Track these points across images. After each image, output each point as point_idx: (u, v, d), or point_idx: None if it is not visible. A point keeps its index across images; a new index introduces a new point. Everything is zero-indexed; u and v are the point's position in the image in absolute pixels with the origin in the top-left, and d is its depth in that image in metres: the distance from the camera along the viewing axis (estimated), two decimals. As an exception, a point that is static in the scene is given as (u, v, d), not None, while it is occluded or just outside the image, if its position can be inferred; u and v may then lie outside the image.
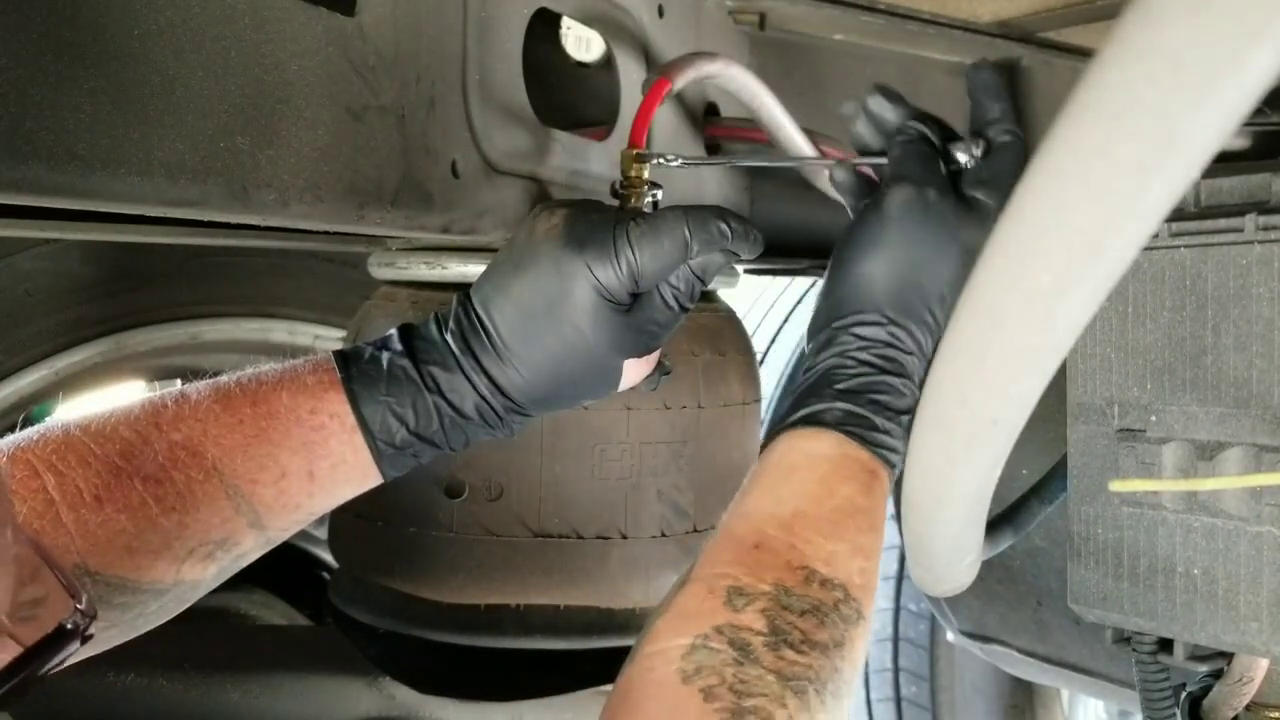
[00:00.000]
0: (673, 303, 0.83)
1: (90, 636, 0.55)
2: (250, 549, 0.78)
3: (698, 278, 0.84)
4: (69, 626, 0.53)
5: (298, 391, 0.78)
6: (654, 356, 0.88)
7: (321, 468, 0.78)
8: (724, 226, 0.82)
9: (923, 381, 0.77)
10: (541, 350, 0.80)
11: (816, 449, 0.75)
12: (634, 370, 0.85)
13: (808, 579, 0.67)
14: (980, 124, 0.85)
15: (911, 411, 0.77)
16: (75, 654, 0.54)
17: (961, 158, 0.83)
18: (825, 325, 0.80)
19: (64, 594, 0.54)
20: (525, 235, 0.82)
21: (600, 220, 0.80)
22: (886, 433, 0.75)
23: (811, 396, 0.77)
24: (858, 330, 0.78)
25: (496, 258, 0.84)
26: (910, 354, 0.78)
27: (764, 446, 0.78)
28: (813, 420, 0.76)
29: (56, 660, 0.53)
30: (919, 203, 0.79)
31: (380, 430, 0.78)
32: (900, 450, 0.76)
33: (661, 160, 0.91)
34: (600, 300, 0.79)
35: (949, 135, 0.86)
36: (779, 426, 0.77)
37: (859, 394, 0.76)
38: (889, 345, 0.78)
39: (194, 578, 0.75)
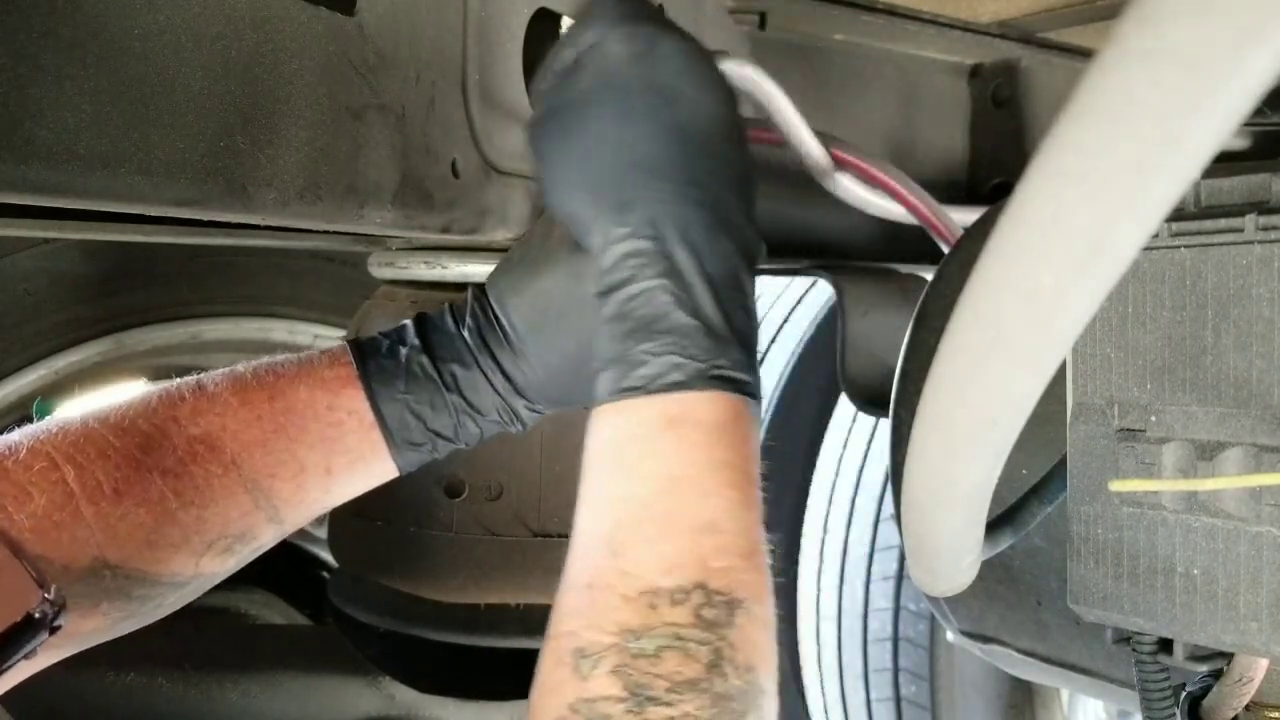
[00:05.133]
0: None
1: (59, 627, 0.55)
2: (267, 541, 0.78)
3: None
4: (36, 615, 0.53)
5: (315, 386, 0.77)
6: None
7: (339, 463, 0.77)
8: None
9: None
10: (558, 352, 0.79)
11: (604, 429, 0.66)
12: None
13: (652, 605, 0.59)
14: None
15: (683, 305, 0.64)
16: (45, 643, 0.54)
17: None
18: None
19: (32, 584, 0.54)
20: (540, 238, 0.81)
21: None
22: (656, 355, 0.64)
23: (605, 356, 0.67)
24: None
25: (511, 255, 0.82)
26: (637, 255, 0.66)
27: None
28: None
29: (27, 648, 0.53)
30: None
31: (398, 427, 0.78)
32: (699, 357, 0.64)
33: None
34: None
35: None
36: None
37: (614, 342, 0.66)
38: (630, 256, 0.66)
39: (212, 570, 0.75)
